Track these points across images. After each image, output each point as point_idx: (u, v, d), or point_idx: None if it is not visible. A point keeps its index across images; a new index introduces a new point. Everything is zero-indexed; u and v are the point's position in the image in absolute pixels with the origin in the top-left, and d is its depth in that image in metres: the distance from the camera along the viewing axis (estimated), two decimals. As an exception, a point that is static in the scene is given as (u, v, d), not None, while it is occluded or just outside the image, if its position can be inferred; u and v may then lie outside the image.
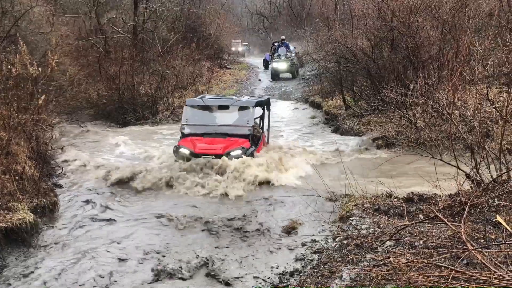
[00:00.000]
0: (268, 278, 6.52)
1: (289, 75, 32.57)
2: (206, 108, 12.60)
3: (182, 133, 12.18)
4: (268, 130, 14.00)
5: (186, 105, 12.71)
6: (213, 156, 10.92)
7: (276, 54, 33.03)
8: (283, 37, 35.91)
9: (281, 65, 32.32)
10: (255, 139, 12.19)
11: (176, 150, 11.61)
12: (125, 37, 24.26)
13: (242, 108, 12.45)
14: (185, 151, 11.32)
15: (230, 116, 12.51)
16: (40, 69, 9.55)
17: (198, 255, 7.16)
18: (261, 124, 13.61)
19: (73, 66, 18.49)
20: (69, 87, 16.65)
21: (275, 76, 32.49)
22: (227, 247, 7.58)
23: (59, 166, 11.60)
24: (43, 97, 9.41)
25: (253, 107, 12.35)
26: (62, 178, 11.14)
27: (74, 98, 17.46)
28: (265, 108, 13.67)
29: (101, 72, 20.37)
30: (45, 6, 18.60)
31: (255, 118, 12.82)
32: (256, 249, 7.46)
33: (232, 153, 11.09)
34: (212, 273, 6.70)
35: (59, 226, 8.52)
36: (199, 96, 13.65)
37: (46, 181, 10.22)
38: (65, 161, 12.30)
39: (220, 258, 7.14)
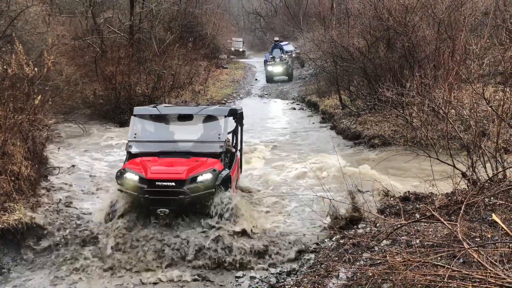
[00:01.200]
0: (265, 277, 6.52)
1: (284, 77, 32.15)
2: (162, 119, 9.46)
3: (128, 152, 8.83)
4: (240, 152, 10.75)
5: (134, 115, 9.21)
6: (173, 183, 7.89)
7: (270, 56, 32.49)
8: (277, 38, 35.60)
9: (276, 68, 31.82)
10: (228, 159, 9.23)
11: (120, 176, 8.29)
12: (122, 37, 24.22)
13: (210, 118, 9.27)
14: (133, 176, 8.06)
15: (195, 128, 9.57)
16: (36, 69, 9.53)
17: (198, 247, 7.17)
18: (233, 143, 10.62)
19: (70, 66, 18.45)
20: (66, 87, 16.63)
21: (270, 79, 32.09)
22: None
23: (55, 167, 11.57)
24: (39, 97, 9.40)
25: (225, 116, 9.07)
26: (58, 179, 11.10)
27: (70, 98, 17.43)
28: (237, 121, 10.50)
29: (97, 72, 20.33)
30: (41, 6, 18.54)
31: (227, 133, 9.75)
32: (253, 249, 7.45)
33: (200, 178, 8.01)
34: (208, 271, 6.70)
35: (55, 226, 8.48)
36: (153, 105, 10.59)
37: (43, 182, 10.20)
38: (62, 161, 12.29)
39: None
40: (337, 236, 7.06)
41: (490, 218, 6.04)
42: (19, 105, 9.49)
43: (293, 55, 34.70)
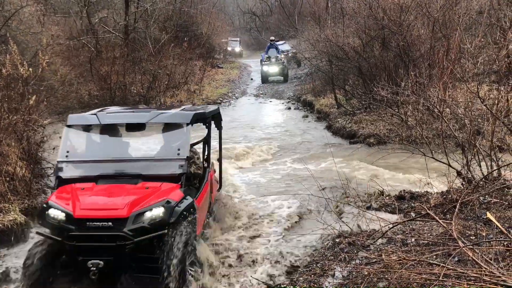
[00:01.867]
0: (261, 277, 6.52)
1: (280, 78, 31.96)
2: (104, 130, 7.03)
3: (57, 177, 6.50)
4: (220, 163, 8.92)
5: (68, 126, 6.85)
6: (109, 223, 5.57)
7: (266, 56, 32.19)
8: (273, 38, 35.36)
9: (272, 68, 31.47)
10: (194, 180, 7.14)
11: (41, 214, 6.11)
12: (117, 37, 24.20)
13: (169, 127, 6.97)
14: (57, 214, 5.75)
15: (147, 141, 8.03)
16: (30, 69, 9.50)
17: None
18: (206, 154, 7.97)
19: (64, 66, 18.41)
20: (60, 87, 16.58)
21: (266, 79, 31.80)
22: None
23: (51, 168, 11.52)
24: (34, 98, 9.36)
25: (188, 123, 6.71)
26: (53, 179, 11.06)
27: (65, 98, 17.39)
28: (210, 126, 8.08)
29: (92, 72, 20.31)
30: (36, 6, 18.53)
31: (195, 144, 8.06)
32: (250, 248, 7.45)
33: (148, 214, 5.74)
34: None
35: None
36: (95, 110, 7.57)
37: (38, 182, 10.16)
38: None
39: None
40: (333, 235, 7.07)
41: (485, 217, 6.06)
42: (14, 106, 9.47)
43: (290, 54, 34.65)
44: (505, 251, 4.83)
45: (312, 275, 5.71)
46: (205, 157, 7.96)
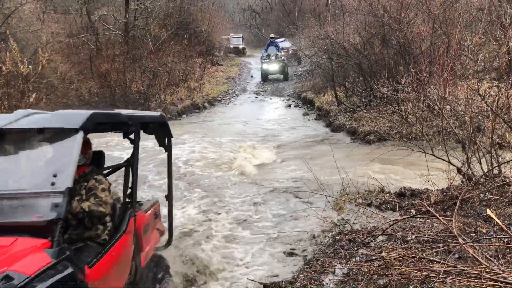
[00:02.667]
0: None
1: (280, 76, 31.59)
2: None
3: None
4: (169, 203, 6.02)
5: None
6: None
7: (266, 53, 31.82)
8: (273, 35, 35.08)
9: (272, 66, 30.92)
10: (97, 231, 4.29)
11: None
12: (117, 34, 24.22)
13: (44, 136, 3.91)
14: None
15: (8, 162, 4.03)
16: (30, 66, 9.55)
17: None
18: (130, 186, 5.05)
19: (64, 63, 18.43)
20: (60, 85, 16.61)
21: (265, 77, 31.35)
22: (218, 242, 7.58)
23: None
24: (34, 95, 9.41)
25: (78, 130, 3.77)
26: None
27: (65, 95, 17.42)
28: (137, 140, 4.95)
29: (92, 70, 20.34)
30: (36, 4, 18.52)
31: (114, 169, 5.44)
32: (250, 245, 7.46)
33: None
34: (201, 268, 6.70)
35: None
36: None
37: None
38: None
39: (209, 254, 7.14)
40: (333, 232, 7.08)
41: (485, 214, 6.06)
42: (14, 103, 9.49)
43: (290, 51, 34.54)
44: (505, 248, 4.83)
45: (313, 272, 5.71)
46: (128, 190, 5.09)
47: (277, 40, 35.15)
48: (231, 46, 46.00)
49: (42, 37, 16.09)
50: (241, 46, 48.01)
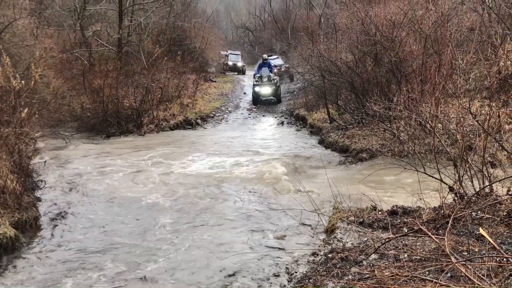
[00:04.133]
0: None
1: (272, 98, 29.22)
2: None
3: None
4: None
5: None
6: None
7: (257, 75, 28.37)
8: (266, 56, 31.12)
9: (264, 89, 28.10)
10: None
11: None
12: (110, 50, 24.27)
13: None
14: None
15: None
16: (23, 81, 9.48)
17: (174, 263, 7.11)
18: None
19: (57, 79, 18.42)
20: (53, 100, 16.57)
21: (257, 100, 28.61)
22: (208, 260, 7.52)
23: (41, 180, 11.47)
24: (26, 110, 9.33)
25: None
26: (44, 193, 11.01)
27: (57, 111, 17.36)
28: None
29: (85, 85, 20.33)
30: (29, 19, 18.55)
31: None
32: (241, 263, 7.41)
33: None
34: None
35: (40, 241, 8.40)
36: None
37: (29, 195, 10.09)
38: (48, 174, 12.22)
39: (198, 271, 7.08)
40: (325, 250, 7.04)
41: (478, 232, 6.06)
42: (6, 118, 9.43)
43: (283, 69, 34.55)
44: (498, 267, 4.82)
45: (305, 291, 5.68)
46: None
47: (270, 58, 34.79)
48: (230, 64, 43.91)
49: (35, 52, 16.10)
50: (240, 64, 45.07)
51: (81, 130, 19.29)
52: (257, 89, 28.24)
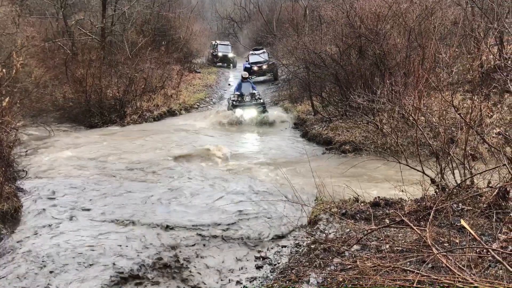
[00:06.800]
0: (237, 283, 6.49)
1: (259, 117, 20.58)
2: None
3: None
4: None
5: None
6: None
7: (237, 93, 21.19)
8: (246, 74, 22.88)
9: (247, 113, 20.03)
10: None
11: None
12: (93, 39, 24.00)
13: None
14: None
15: None
16: (4, 70, 9.35)
17: (161, 257, 7.09)
18: None
19: (39, 68, 18.17)
20: (35, 89, 16.35)
21: (239, 123, 19.99)
22: (193, 253, 7.51)
23: (23, 170, 11.34)
24: (7, 99, 9.21)
25: None
26: (26, 182, 10.89)
27: (39, 100, 17.15)
28: None
29: (67, 75, 20.09)
30: (11, 7, 18.25)
31: None
32: (223, 254, 7.41)
33: None
34: (177, 278, 6.63)
35: (21, 232, 8.31)
36: None
37: (9, 185, 9.97)
38: (29, 164, 12.08)
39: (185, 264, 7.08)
40: (308, 241, 7.07)
41: (459, 224, 6.13)
42: (-14, 107, 9.30)
43: (264, 67, 32.93)
44: (478, 257, 4.89)
45: (287, 282, 5.70)
46: None
47: (256, 52, 33.79)
48: (220, 55, 41.71)
49: (17, 40, 15.86)
50: (230, 55, 42.18)
51: (63, 120, 19.09)
52: (238, 112, 20.13)
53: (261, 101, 21.03)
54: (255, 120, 19.85)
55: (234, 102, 20.53)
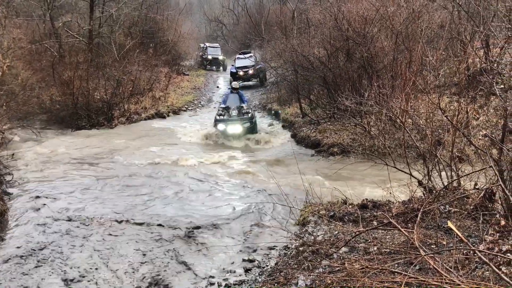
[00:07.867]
0: (226, 286, 6.47)
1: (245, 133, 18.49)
2: None
3: None
4: None
5: None
6: None
7: (223, 105, 18.68)
8: (236, 85, 20.51)
9: (231, 128, 17.62)
10: None
11: None
12: (80, 42, 23.85)
13: None
14: None
15: None
16: (-10, 72, 9.27)
17: (146, 261, 7.07)
18: None
19: (26, 70, 18.04)
20: (21, 92, 16.24)
21: (226, 137, 17.89)
22: (181, 255, 7.49)
23: (9, 173, 11.24)
24: (-7, 102, 9.13)
25: None
26: (12, 186, 10.80)
27: (26, 103, 17.02)
28: None
29: (54, 77, 19.96)
30: (-3, 8, 18.10)
31: None
32: (212, 256, 7.40)
33: None
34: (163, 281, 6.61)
35: (7, 235, 8.24)
36: None
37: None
38: (15, 167, 11.99)
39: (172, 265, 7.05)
40: (296, 243, 7.08)
41: (446, 225, 6.18)
42: (-28, 109, 9.21)
43: (250, 72, 32.19)
44: (465, 259, 4.92)
45: (276, 284, 5.70)
46: None
47: (242, 57, 32.84)
48: (209, 58, 40.81)
49: (3, 42, 15.76)
50: (221, 57, 41.22)
51: (50, 123, 18.92)
52: (221, 127, 17.86)
53: (249, 115, 18.14)
54: (239, 136, 17.68)
55: (218, 117, 18.16)
